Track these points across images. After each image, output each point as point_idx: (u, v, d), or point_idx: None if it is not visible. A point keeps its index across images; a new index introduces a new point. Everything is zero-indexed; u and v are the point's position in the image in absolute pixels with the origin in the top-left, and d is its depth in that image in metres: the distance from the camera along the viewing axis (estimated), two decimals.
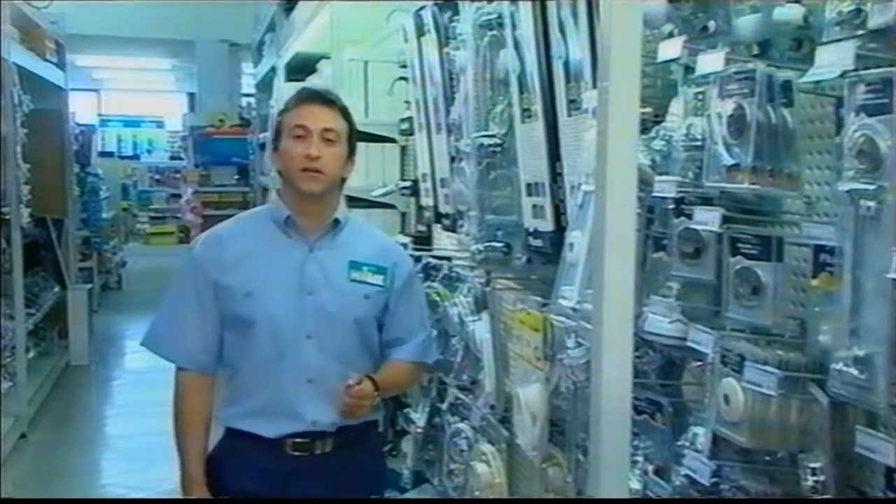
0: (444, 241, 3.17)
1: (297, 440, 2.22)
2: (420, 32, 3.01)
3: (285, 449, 2.22)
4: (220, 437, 2.32)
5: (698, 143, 1.57)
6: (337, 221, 2.30)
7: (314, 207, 2.27)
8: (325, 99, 2.29)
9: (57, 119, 7.85)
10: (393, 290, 2.33)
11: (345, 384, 2.19)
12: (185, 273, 2.31)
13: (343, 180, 2.32)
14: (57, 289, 7.58)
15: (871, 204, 1.23)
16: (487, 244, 2.44)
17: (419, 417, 3.21)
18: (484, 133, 2.42)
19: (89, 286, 8.36)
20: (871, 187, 1.23)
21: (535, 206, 2.23)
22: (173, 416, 2.29)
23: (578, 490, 2.06)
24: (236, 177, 11.47)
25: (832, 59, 1.30)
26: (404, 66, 3.32)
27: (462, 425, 2.82)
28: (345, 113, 2.29)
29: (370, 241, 2.38)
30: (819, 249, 1.36)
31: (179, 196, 13.91)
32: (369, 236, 2.41)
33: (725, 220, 1.53)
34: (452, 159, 2.80)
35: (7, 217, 5.68)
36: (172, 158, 16.71)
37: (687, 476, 1.62)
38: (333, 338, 2.25)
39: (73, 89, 8.66)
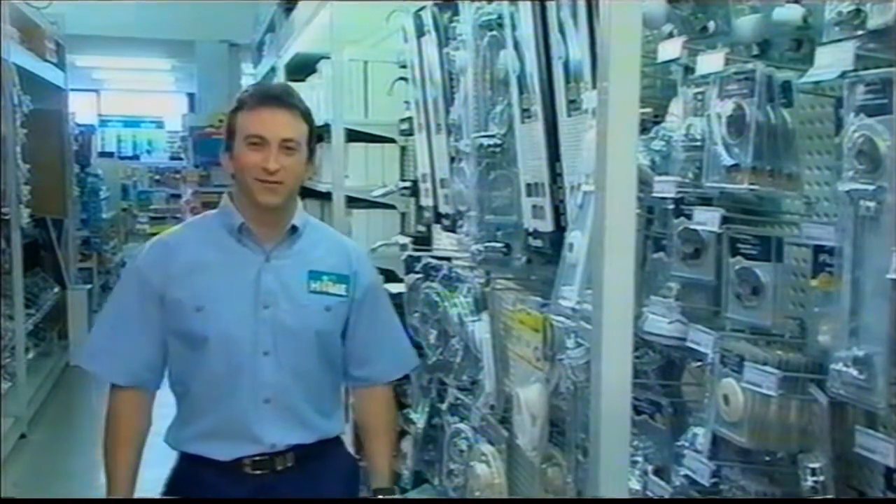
0: (443, 242, 3.17)
1: (256, 458, 2.09)
2: (420, 32, 3.01)
3: (244, 469, 2.08)
4: (174, 464, 2.19)
5: (698, 144, 1.57)
6: (295, 228, 2.14)
7: (271, 216, 2.11)
8: (284, 103, 2.08)
9: (57, 119, 7.86)
10: (354, 301, 2.19)
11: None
12: (128, 283, 2.14)
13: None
14: (57, 289, 7.59)
15: (871, 204, 1.23)
16: (487, 244, 2.44)
17: (419, 417, 3.21)
18: (484, 133, 2.42)
19: (89, 286, 8.38)
20: (871, 188, 1.23)
21: (534, 207, 2.23)
22: (104, 436, 2.13)
23: (578, 490, 2.06)
24: None
25: (832, 60, 1.30)
26: (404, 66, 3.32)
27: (462, 425, 2.82)
28: (305, 116, 2.11)
29: (330, 247, 2.22)
30: (819, 250, 1.36)
31: (179, 196, 13.92)
32: (329, 242, 2.25)
33: (725, 220, 1.53)
34: (452, 159, 2.80)
35: (7, 217, 5.68)
36: (172, 159, 16.70)
37: (687, 476, 1.62)
38: (293, 354, 2.09)
39: (72, 90, 8.67)
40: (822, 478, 1.38)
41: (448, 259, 2.97)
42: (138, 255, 2.16)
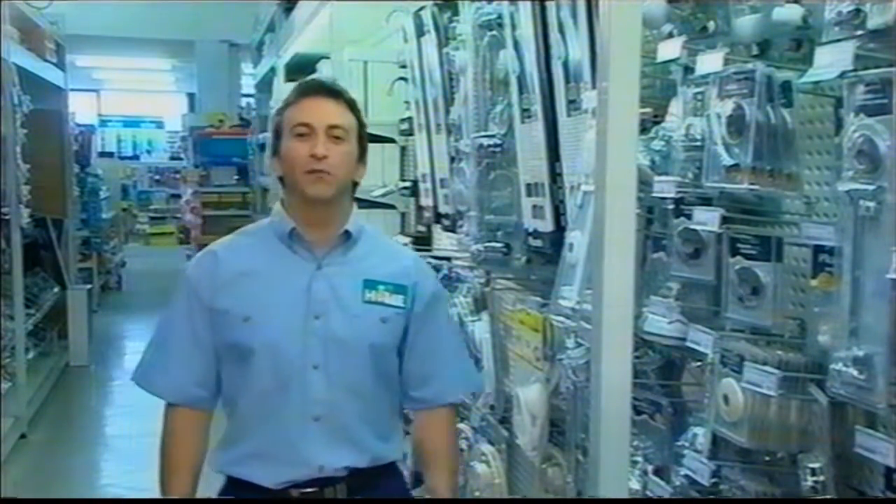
0: (443, 242, 3.18)
1: (305, 488, 1.92)
2: (420, 32, 3.01)
3: (291, 497, 1.93)
4: (219, 490, 2.03)
5: (698, 144, 1.57)
6: (349, 234, 1.99)
7: (322, 216, 1.97)
8: (329, 91, 1.98)
9: (57, 119, 7.84)
10: (413, 314, 2.01)
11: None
12: (178, 297, 2.03)
13: (354, 185, 2.03)
14: (57, 289, 7.58)
15: (871, 204, 1.24)
16: (487, 244, 2.44)
17: None
18: (484, 133, 2.42)
19: (89, 286, 8.36)
20: (871, 188, 1.23)
21: (534, 207, 2.23)
22: (160, 458, 2.03)
23: (578, 490, 2.06)
24: (236, 177, 11.49)
25: (831, 60, 1.30)
26: (404, 66, 3.33)
27: (462, 425, 2.82)
28: (352, 106, 1.98)
29: (388, 255, 2.07)
30: (819, 250, 1.36)
31: (179, 196, 13.94)
32: (387, 250, 2.10)
33: (725, 220, 1.53)
34: (452, 159, 2.80)
35: (7, 217, 5.67)
36: (172, 159, 16.75)
37: (687, 476, 1.62)
38: (345, 368, 1.94)
39: (72, 89, 8.66)
40: (822, 478, 1.38)
41: (448, 259, 2.98)
42: (187, 268, 2.06)
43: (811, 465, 1.39)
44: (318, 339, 1.93)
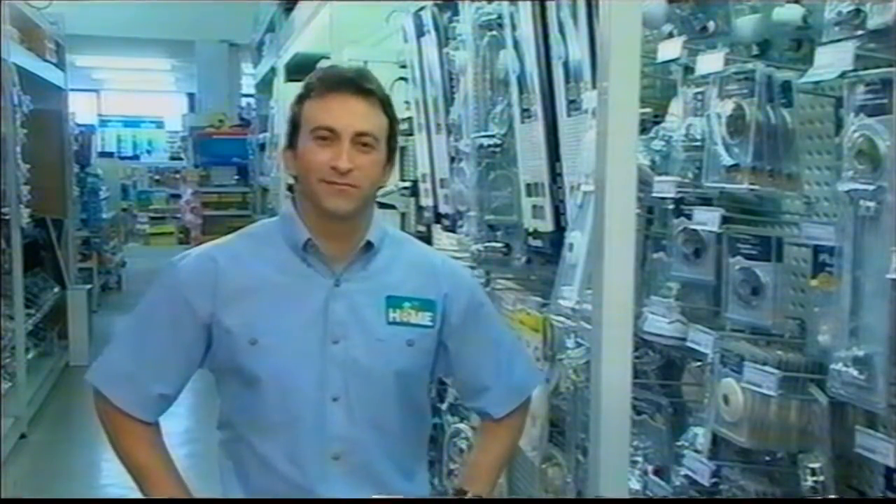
0: (444, 242, 3.17)
1: None
2: (420, 32, 3.01)
3: None
4: None
5: (698, 144, 1.58)
6: (370, 245, 1.73)
7: (341, 229, 1.72)
8: (360, 89, 1.68)
9: (57, 119, 7.85)
10: (451, 329, 1.78)
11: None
12: (162, 300, 1.76)
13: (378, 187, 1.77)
14: (57, 289, 7.58)
15: (871, 204, 1.24)
16: (487, 244, 2.44)
17: None
18: (484, 133, 2.42)
19: (89, 286, 8.36)
20: (871, 188, 1.23)
21: (534, 207, 2.23)
22: (125, 466, 1.81)
23: (578, 490, 2.06)
24: (236, 177, 11.51)
25: (831, 60, 1.30)
26: (404, 67, 3.33)
27: (462, 425, 2.82)
28: (385, 105, 1.71)
29: (413, 264, 1.80)
30: (818, 250, 1.36)
31: (179, 196, 13.94)
32: (413, 259, 1.82)
33: (725, 220, 1.53)
34: (452, 159, 2.80)
35: (7, 217, 5.68)
36: (172, 159, 16.75)
37: (687, 476, 1.62)
38: (368, 399, 1.71)
39: (72, 90, 8.65)
40: (822, 478, 1.38)
41: None
42: (178, 265, 1.76)
43: (811, 465, 1.39)
44: (338, 368, 1.70)
